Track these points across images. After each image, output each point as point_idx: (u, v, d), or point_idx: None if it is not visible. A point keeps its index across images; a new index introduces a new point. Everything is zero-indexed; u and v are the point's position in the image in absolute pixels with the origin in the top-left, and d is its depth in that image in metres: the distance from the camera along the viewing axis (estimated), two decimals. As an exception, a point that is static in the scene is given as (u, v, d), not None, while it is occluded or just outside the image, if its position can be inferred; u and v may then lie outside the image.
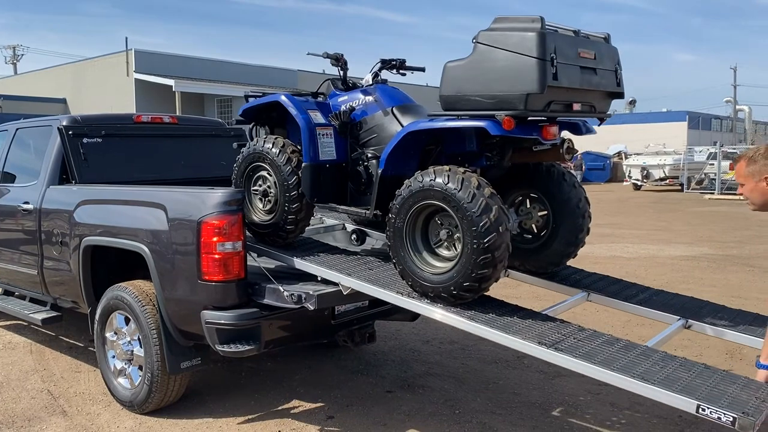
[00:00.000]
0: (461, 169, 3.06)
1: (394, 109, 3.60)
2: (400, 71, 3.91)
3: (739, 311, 3.56)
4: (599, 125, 3.46)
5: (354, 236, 4.18)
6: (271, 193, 3.82)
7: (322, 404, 4.19)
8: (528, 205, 3.73)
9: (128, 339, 4.07)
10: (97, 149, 4.73)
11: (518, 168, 3.59)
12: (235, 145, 4.20)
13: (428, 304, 3.20)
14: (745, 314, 3.52)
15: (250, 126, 4.04)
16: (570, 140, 3.31)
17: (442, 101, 3.12)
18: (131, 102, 24.71)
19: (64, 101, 27.87)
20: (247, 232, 3.81)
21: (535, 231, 3.73)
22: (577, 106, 3.13)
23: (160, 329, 3.81)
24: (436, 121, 3.19)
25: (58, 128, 4.64)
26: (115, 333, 4.16)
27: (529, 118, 3.00)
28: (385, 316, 4.40)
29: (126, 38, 27.74)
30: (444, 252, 3.21)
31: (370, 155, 3.64)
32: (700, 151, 27.32)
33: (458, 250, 3.07)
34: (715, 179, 23.60)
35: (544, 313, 3.32)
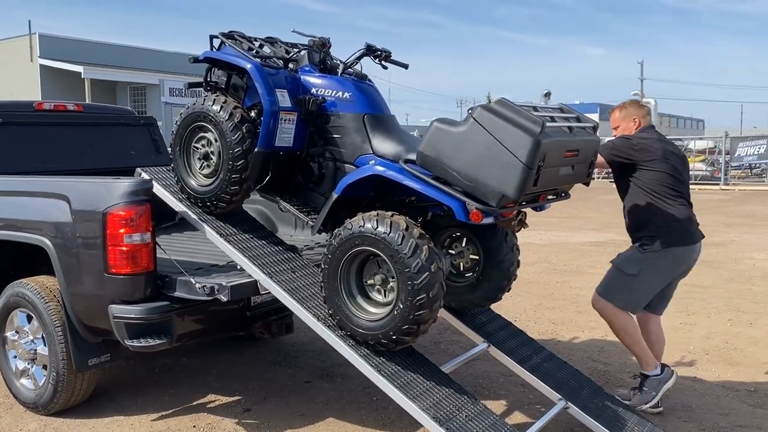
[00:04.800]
0: (388, 213, 2.99)
1: (366, 117, 3.38)
2: (383, 63, 3.66)
3: (612, 398, 3.68)
4: None
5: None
6: (212, 160, 3.53)
7: (238, 397, 4.13)
8: (462, 244, 3.64)
9: (31, 338, 3.88)
10: (-7, 138, 4.46)
11: None
12: (186, 84, 3.77)
13: (340, 337, 3.15)
14: (617, 402, 3.65)
15: (208, 67, 3.63)
16: (524, 213, 3.26)
17: (419, 156, 2.97)
18: (36, 89, 23.41)
19: (-40, 87, 26.08)
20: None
21: (461, 270, 3.66)
22: (544, 197, 3.12)
23: (65, 326, 3.64)
24: (406, 176, 3.05)
25: (-52, 115, 4.34)
26: (17, 332, 3.95)
27: None
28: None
29: (29, 21, 26.20)
30: (380, 298, 3.12)
31: (327, 155, 3.46)
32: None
33: (394, 294, 3.00)
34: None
35: (446, 371, 3.34)
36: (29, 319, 3.87)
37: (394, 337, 2.99)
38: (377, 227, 2.94)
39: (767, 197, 18.83)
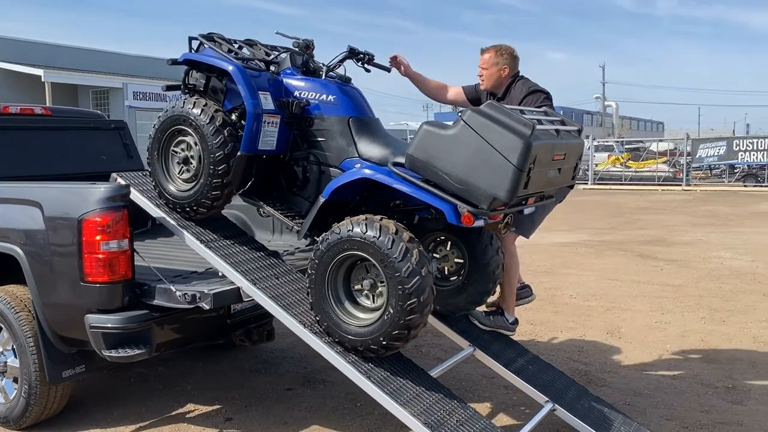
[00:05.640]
0: (377, 217, 2.95)
1: (351, 120, 3.33)
2: (366, 66, 3.63)
3: (597, 398, 3.71)
4: None
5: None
6: (191, 164, 3.43)
7: (219, 406, 4.04)
8: (447, 248, 3.62)
9: (0, 349, 3.73)
10: (-43, 143, 4.29)
11: None
12: (164, 87, 3.67)
13: (327, 343, 3.09)
14: (602, 403, 3.67)
15: (186, 70, 3.53)
16: (510, 216, 3.27)
17: (408, 159, 2.93)
18: (-7, 93, 22.73)
19: None
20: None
21: (446, 273, 3.62)
22: (532, 200, 3.12)
23: (37, 336, 3.51)
24: (396, 179, 3.03)
25: None
26: (-16, 344, 3.80)
27: None
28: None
29: (-15, 23, 25.49)
30: (368, 303, 3.08)
31: (311, 158, 3.40)
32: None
33: (383, 299, 2.96)
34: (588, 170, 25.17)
35: (434, 375, 3.30)
36: (-2, 330, 3.73)
37: (384, 342, 2.94)
38: (366, 231, 2.89)
39: (728, 197, 19.30)
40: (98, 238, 3.26)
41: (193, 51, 3.55)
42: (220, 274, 3.42)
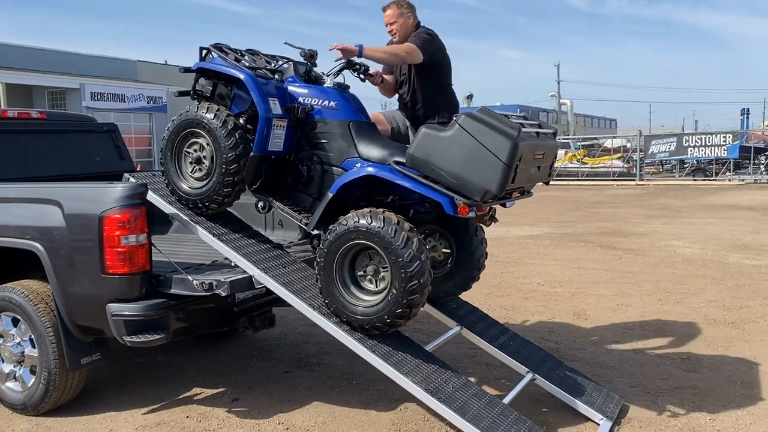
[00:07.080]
0: (380, 210, 3.32)
1: (351, 124, 3.69)
2: (361, 76, 3.99)
3: (571, 369, 4.15)
4: None
5: (260, 204, 3.94)
6: (204, 164, 3.76)
7: (223, 389, 4.34)
8: (436, 239, 4.00)
9: (18, 340, 3.97)
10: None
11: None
12: (176, 93, 3.95)
13: (335, 323, 3.44)
14: (576, 373, 4.11)
15: (196, 77, 3.82)
16: (494, 209, 3.64)
17: (409, 158, 3.31)
18: (-54, 95, 22.29)
19: None
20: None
21: (435, 262, 3.94)
22: (515, 194, 3.52)
23: (57, 327, 3.76)
24: (397, 176, 3.37)
25: None
26: (1, 336, 4.02)
27: None
28: (282, 302, 4.61)
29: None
30: (371, 287, 3.42)
31: (315, 159, 3.74)
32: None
33: (386, 282, 3.32)
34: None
35: (429, 350, 3.70)
36: (15, 322, 3.96)
37: (388, 320, 3.31)
38: (372, 222, 3.26)
39: (678, 191, 20.26)
40: (118, 233, 3.54)
41: (204, 60, 3.84)
42: (233, 264, 3.73)
